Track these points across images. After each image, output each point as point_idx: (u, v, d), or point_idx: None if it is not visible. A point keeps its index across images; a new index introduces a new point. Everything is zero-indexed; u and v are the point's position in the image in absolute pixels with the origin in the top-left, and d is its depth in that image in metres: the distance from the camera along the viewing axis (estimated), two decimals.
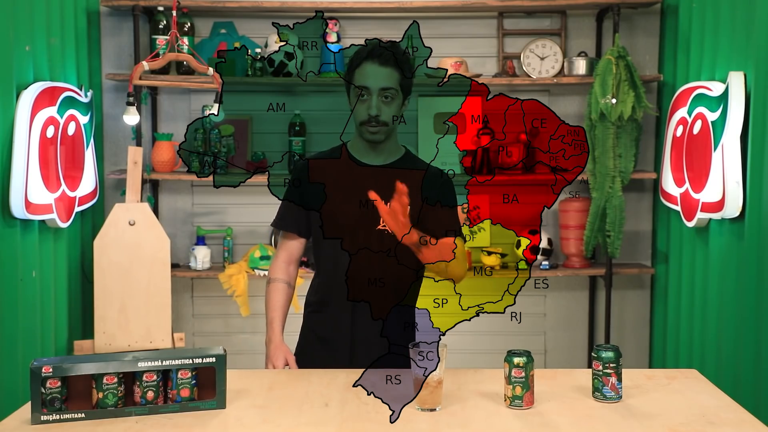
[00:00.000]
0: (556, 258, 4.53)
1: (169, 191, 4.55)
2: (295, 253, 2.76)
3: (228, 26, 4.45)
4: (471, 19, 4.51)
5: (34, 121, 3.38)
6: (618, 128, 4.11)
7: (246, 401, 2.25)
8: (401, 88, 2.56)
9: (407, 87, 2.59)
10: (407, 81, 2.57)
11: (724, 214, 3.43)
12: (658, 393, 2.33)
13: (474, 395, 2.29)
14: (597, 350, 2.24)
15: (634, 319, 4.62)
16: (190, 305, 4.61)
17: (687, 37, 3.98)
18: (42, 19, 3.57)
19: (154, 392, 2.16)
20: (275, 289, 2.74)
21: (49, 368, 2.08)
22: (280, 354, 2.63)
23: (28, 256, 3.45)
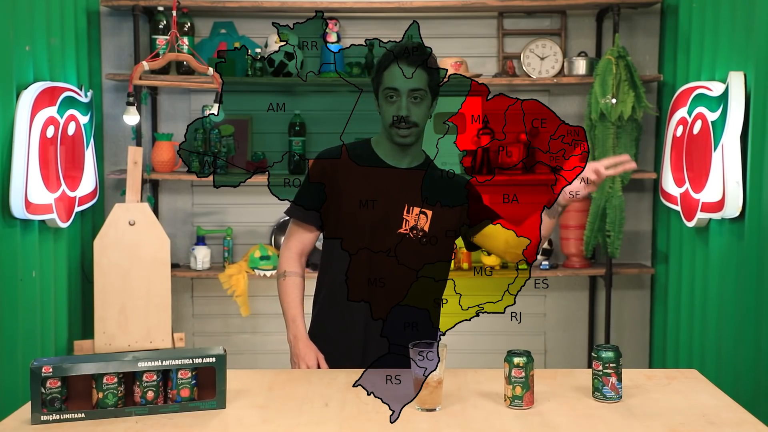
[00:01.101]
0: (556, 258, 4.53)
1: (169, 191, 4.55)
2: (308, 245, 2.72)
3: (228, 26, 4.45)
4: (471, 19, 4.51)
5: (34, 121, 3.38)
6: (618, 128, 4.11)
7: (246, 401, 2.25)
8: (430, 89, 2.55)
9: (435, 88, 2.58)
10: (435, 82, 2.56)
11: (724, 214, 3.43)
12: (658, 393, 2.32)
13: (474, 395, 2.29)
14: (597, 350, 2.24)
15: (634, 319, 4.62)
16: (190, 305, 4.61)
17: (687, 37, 3.98)
18: (42, 19, 3.57)
19: (154, 392, 2.16)
20: (292, 284, 2.68)
21: (49, 368, 2.08)
22: (311, 352, 2.59)
23: (28, 256, 3.45)
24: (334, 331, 2.67)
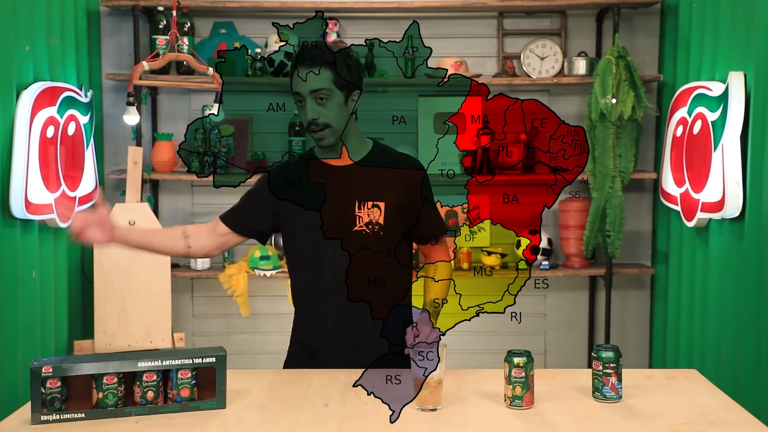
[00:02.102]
0: (556, 258, 4.53)
1: (169, 191, 4.55)
2: (220, 238, 2.68)
3: (228, 26, 4.45)
4: (471, 19, 4.51)
5: (34, 121, 3.38)
6: (618, 128, 4.11)
7: (246, 401, 2.25)
8: (337, 85, 2.49)
9: (346, 83, 2.51)
10: (344, 77, 2.50)
11: (724, 214, 3.43)
12: (658, 393, 2.33)
13: (474, 395, 2.30)
14: (597, 350, 2.24)
15: (634, 319, 4.62)
16: (190, 305, 4.61)
17: (687, 37, 3.98)
18: (42, 19, 3.57)
19: (154, 392, 2.16)
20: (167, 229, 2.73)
21: (49, 368, 2.08)
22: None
23: (28, 256, 3.45)
24: (306, 339, 2.66)
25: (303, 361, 2.62)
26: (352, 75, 2.52)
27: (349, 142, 2.57)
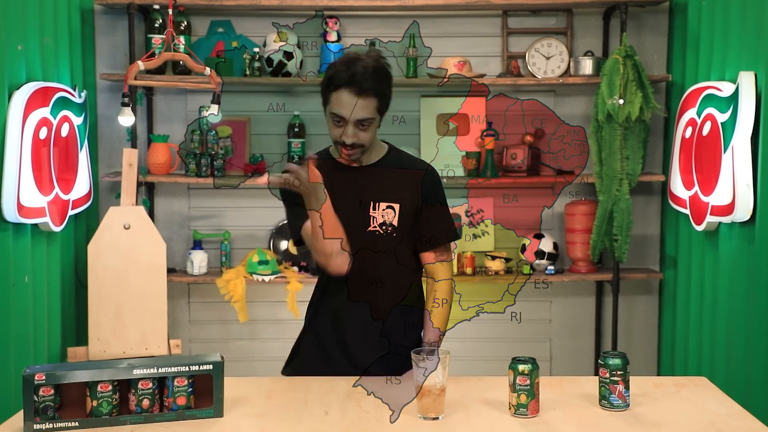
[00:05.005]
0: (561, 263, 4.53)
1: (165, 194, 4.55)
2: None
3: (225, 25, 4.45)
4: (474, 18, 4.51)
5: (26, 122, 3.39)
6: (625, 129, 4.11)
7: (244, 409, 2.26)
8: (379, 111, 2.52)
9: (386, 106, 2.54)
10: (386, 101, 2.53)
11: (734, 217, 3.43)
12: (666, 401, 2.33)
13: (478, 403, 2.30)
14: (604, 357, 2.25)
15: (642, 326, 4.62)
16: (187, 311, 4.61)
17: (696, 35, 3.99)
18: (35, 18, 3.57)
19: (150, 400, 2.16)
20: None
21: (42, 376, 2.08)
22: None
23: (21, 260, 3.46)
24: (321, 335, 2.69)
25: (324, 337, 2.64)
26: (388, 99, 2.54)
27: (368, 150, 2.62)
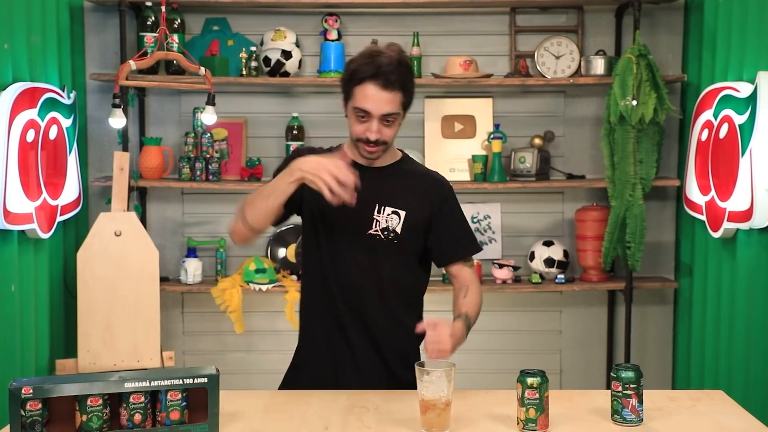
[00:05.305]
0: (572, 271, 4.53)
1: (157, 199, 4.56)
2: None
3: (221, 23, 4.46)
4: (481, 15, 4.52)
5: (13, 124, 3.39)
6: (639, 132, 4.11)
7: (240, 424, 2.25)
8: (403, 106, 2.53)
9: (409, 101, 2.55)
10: (409, 96, 2.54)
11: (753, 223, 3.43)
12: (681, 416, 2.33)
13: (485, 418, 2.30)
14: (616, 370, 2.24)
15: (656, 337, 4.62)
16: (181, 322, 4.61)
17: (713, 34, 3.99)
18: (22, 16, 3.58)
19: (142, 415, 2.16)
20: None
21: (30, 389, 2.08)
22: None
23: (7, 268, 3.46)
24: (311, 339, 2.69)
25: (320, 347, 2.64)
26: (411, 96, 2.56)
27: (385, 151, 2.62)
